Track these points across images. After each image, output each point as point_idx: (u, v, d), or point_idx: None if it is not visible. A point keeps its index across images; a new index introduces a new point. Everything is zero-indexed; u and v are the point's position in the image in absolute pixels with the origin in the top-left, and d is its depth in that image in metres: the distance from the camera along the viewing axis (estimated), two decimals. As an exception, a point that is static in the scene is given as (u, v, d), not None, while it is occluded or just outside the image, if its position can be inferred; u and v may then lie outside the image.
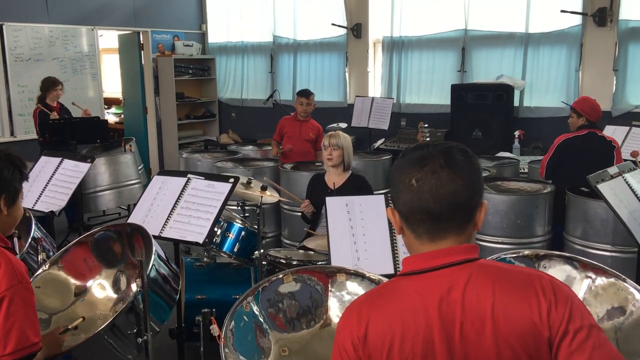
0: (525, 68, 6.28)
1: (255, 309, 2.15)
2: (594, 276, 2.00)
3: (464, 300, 1.14)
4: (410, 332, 1.16)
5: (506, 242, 4.00)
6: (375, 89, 7.52)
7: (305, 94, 5.52)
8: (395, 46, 7.09)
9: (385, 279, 2.25)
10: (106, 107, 8.92)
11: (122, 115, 9.35)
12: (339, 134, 3.86)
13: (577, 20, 5.90)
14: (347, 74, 7.59)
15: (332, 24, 7.45)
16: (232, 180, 2.99)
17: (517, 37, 6.28)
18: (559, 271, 2.06)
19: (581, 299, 1.95)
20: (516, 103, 6.27)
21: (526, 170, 5.18)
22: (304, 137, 5.49)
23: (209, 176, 3.13)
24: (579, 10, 5.84)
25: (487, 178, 4.66)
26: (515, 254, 2.13)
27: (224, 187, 2.97)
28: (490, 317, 1.13)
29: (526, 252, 2.15)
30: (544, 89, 6.25)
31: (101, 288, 2.56)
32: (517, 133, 6.01)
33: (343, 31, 7.47)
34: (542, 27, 6.14)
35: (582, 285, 2.01)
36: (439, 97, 6.84)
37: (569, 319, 1.11)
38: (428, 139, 5.25)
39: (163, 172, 3.34)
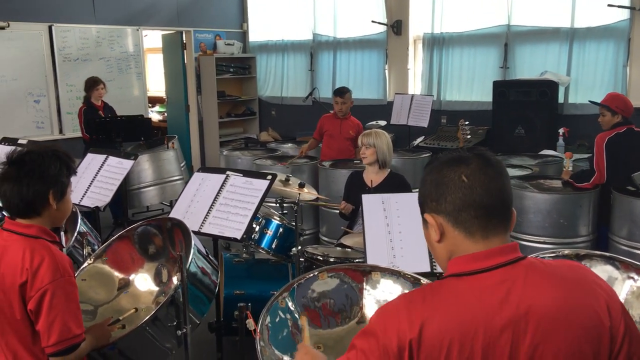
0: (570, 64, 6.12)
1: (290, 305, 2.17)
2: (636, 277, 1.95)
3: (525, 299, 1.13)
4: (469, 334, 1.12)
5: (548, 242, 3.92)
6: (415, 86, 7.46)
7: (340, 92, 5.46)
8: (436, 43, 7.01)
9: (420, 278, 2.25)
10: (150, 105, 9.14)
11: (166, 114, 9.56)
12: (372, 133, 3.84)
13: (624, 14, 5.71)
14: (386, 71, 7.55)
15: (372, 21, 7.42)
16: (269, 177, 3.03)
17: (562, 32, 6.12)
18: (600, 272, 2.01)
19: (622, 301, 1.91)
20: (561, 100, 6.12)
21: (571, 169, 5.06)
22: (344, 135, 5.48)
23: (247, 173, 3.17)
24: (627, 4, 5.66)
25: (530, 176, 4.57)
26: (553, 253, 2.09)
27: (262, 184, 3.00)
28: (554, 312, 1.13)
29: (566, 251, 2.11)
30: (590, 86, 6.07)
31: (144, 281, 2.64)
32: (561, 130, 5.86)
33: (383, 28, 7.44)
34: (588, 21, 5.97)
35: (623, 286, 1.95)
36: (480, 94, 6.74)
37: (622, 312, 1.17)
38: (469, 136, 5.19)
39: (203, 169, 3.40)
